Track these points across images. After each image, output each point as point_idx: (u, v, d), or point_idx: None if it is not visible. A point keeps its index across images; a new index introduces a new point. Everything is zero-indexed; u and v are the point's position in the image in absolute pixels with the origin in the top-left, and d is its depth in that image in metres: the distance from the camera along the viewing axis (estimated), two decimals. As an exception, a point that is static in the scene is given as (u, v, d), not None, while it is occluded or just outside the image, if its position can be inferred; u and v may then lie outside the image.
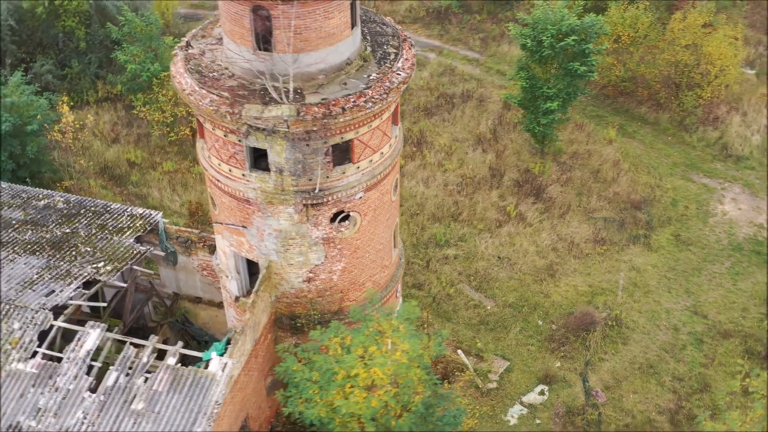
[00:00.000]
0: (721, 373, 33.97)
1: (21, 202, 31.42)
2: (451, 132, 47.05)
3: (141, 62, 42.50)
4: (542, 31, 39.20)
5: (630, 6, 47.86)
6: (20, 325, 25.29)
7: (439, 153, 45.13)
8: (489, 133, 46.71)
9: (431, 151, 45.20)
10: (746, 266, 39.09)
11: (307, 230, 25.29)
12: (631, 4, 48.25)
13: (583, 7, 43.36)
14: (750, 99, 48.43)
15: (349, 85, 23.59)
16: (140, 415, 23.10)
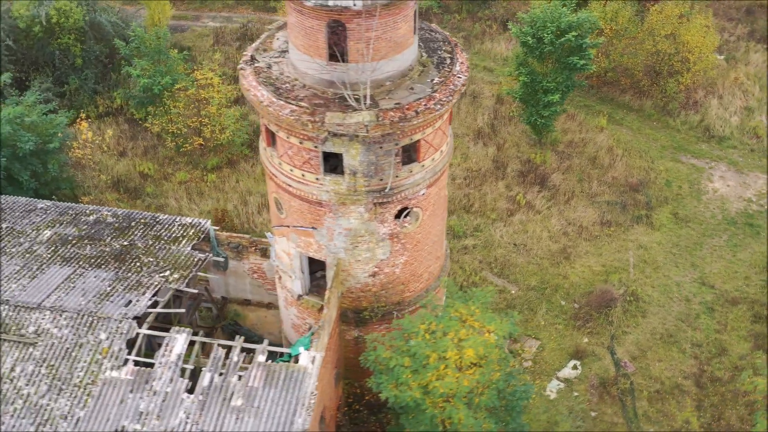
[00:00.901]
0: (735, 337, 36.74)
1: (70, 218, 32.20)
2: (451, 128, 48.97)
3: (151, 76, 43.32)
4: (542, 28, 41.43)
5: (609, 1, 50.54)
6: (107, 335, 26.31)
7: (442, 149, 47.08)
8: (487, 128, 48.86)
9: (435, 148, 47.14)
10: (742, 238, 42.10)
11: (375, 227, 26.91)
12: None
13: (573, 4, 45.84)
14: (723, 83, 51.68)
15: (416, 89, 25.29)
16: (241, 411, 24.42)
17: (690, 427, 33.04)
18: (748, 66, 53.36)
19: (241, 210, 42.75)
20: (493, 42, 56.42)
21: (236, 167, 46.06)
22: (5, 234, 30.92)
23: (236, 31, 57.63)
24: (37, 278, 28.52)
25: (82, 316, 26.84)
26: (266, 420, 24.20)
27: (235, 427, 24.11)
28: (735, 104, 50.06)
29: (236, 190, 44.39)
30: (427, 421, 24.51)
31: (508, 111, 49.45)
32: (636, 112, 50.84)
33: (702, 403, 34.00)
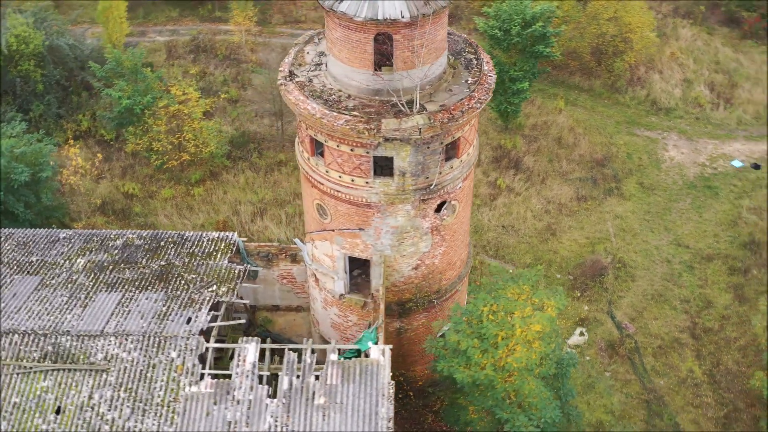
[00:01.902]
0: (716, 290, 40.32)
1: (98, 245, 32.46)
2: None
3: (131, 96, 43.43)
4: (509, 21, 43.87)
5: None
6: (177, 353, 27.09)
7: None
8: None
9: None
10: (704, 199, 45.90)
11: (419, 223, 28.65)
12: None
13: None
14: (661, 58, 55.58)
15: (454, 90, 27.12)
16: (325, 408, 25.76)
17: (694, 376, 36.29)
18: (679, 41, 57.50)
19: (234, 220, 43.52)
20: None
21: (219, 179, 46.66)
22: (40, 267, 31.00)
23: (188, 43, 57.75)
24: (89, 306, 28.87)
25: (149, 338, 27.50)
26: (351, 414, 25.63)
27: (323, 425, 25.44)
28: (675, 77, 54.03)
29: (225, 201, 45.06)
30: (497, 396, 26.53)
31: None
32: (587, 92, 54.17)
33: (700, 352, 37.34)
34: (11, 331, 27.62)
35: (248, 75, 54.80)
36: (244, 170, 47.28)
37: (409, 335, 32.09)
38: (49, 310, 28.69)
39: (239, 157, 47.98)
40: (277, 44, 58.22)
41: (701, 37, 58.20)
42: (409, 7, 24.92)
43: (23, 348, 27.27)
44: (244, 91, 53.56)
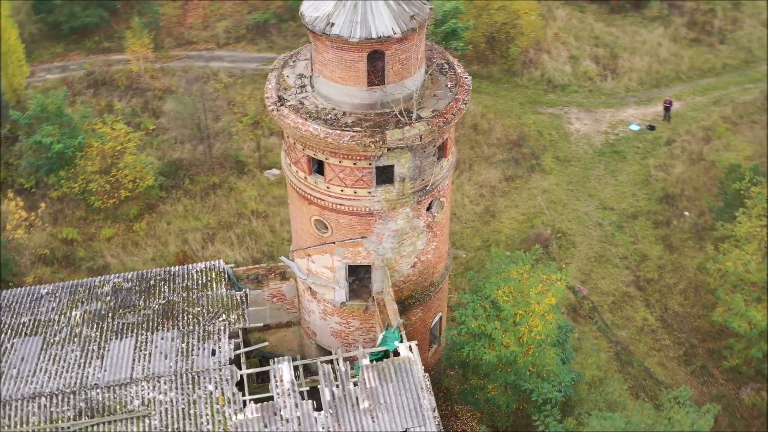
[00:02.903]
0: (647, 244, 44.48)
1: (86, 295, 31.91)
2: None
3: (60, 140, 42.32)
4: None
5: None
6: (215, 386, 27.51)
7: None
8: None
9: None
10: (615, 164, 50.17)
11: (416, 223, 30.36)
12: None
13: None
14: (547, 39, 59.67)
15: (438, 95, 28.93)
16: (372, 410, 27.05)
17: (649, 323, 40.14)
18: (557, 21, 61.80)
19: (185, 249, 43.41)
20: (337, 41, 60.16)
21: (157, 211, 46.23)
22: (36, 327, 30.25)
23: (84, 78, 56.16)
24: (106, 356, 28.63)
25: (181, 376, 27.74)
26: (397, 411, 27.04)
27: (374, 426, 26.71)
28: (562, 56, 58.24)
29: (170, 232, 44.78)
30: (520, 370, 28.81)
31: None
32: (487, 78, 57.37)
33: (648, 301, 41.27)
34: (37, 395, 27.07)
35: (157, 103, 54.15)
36: (179, 198, 47.07)
37: (408, 330, 33.71)
38: (67, 368, 28.23)
39: (171, 186, 47.67)
40: (176, 68, 57.74)
41: (575, 16, 62.89)
42: (399, 23, 26.49)
43: (54, 410, 26.81)
44: (156, 119, 52.95)
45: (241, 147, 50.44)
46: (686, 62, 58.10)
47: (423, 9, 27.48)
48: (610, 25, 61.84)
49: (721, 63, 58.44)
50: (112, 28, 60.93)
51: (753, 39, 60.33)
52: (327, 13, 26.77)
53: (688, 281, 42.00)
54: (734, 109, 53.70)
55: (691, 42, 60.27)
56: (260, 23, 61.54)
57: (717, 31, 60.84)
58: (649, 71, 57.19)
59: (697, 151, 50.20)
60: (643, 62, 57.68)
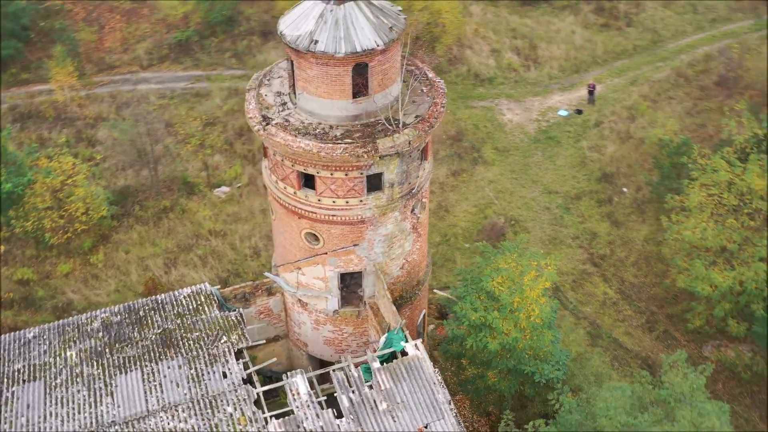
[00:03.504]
0: (594, 222, 46.93)
1: (76, 334, 31.33)
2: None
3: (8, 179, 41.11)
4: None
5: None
6: (233, 407, 27.77)
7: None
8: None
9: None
10: (551, 149, 52.53)
11: (404, 225, 31.37)
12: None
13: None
14: (468, 35, 61.59)
15: (417, 101, 29.99)
16: (391, 410, 27.91)
17: (609, 296, 42.49)
18: (473, 17, 63.81)
19: (152, 276, 42.95)
20: (263, 53, 60.32)
21: (111, 240, 45.48)
22: (32, 372, 29.63)
23: (8, 112, 54.28)
24: (116, 392, 28.40)
25: (198, 402, 27.85)
26: (415, 407, 27.99)
27: (395, 426, 27.60)
28: (484, 50, 60.30)
29: (129, 261, 44.19)
30: (521, 354, 30.27)
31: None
32: (416, 78, 58.71)
33: (605, 276, 43.65)
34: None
35: (90, 131, 53.01)
36: (132, 226, 46.44)
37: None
38: (78, 409, 27.89)
39: (121, 214, 46.95)
40: (103, 94, 56.59)
41: (489, 11, 65.09)
42: (380, 36, 27.41)
43: (76, 452, 26.51)
44: (93, 147, 51.88)
45: (186, 168, 50.09)
46: (600, 47, 61.22)
47: (399, 19, 28.49)
48: (524, 17, 64.38)
49: (631, 45, 61.84)
50: (27, 58, 59.08)
51: (656, 20, 64.06)
52: (309, 30, 27.41)
53: (638, 253, 44.62)
54: (651, 87, 57.05)
55: (602, 27, 63.49)
56: (182, 42, 60.95)
57: (623, 15, 64.29)
58: (568, 58, 59.97)
59: (624, 130, 53.15)
60: (561, 50, 60.41)
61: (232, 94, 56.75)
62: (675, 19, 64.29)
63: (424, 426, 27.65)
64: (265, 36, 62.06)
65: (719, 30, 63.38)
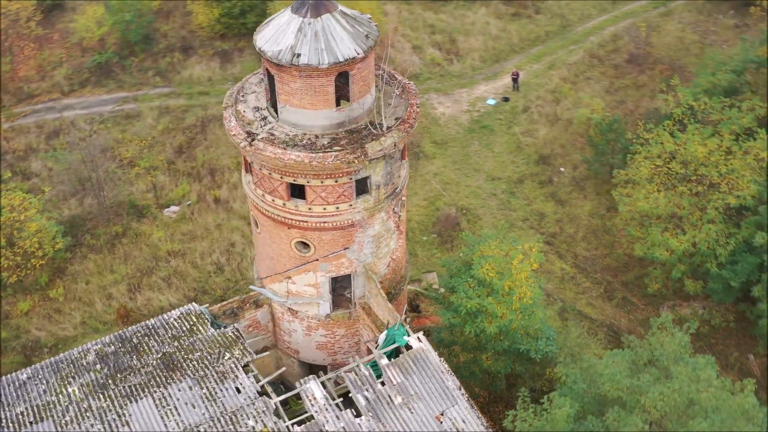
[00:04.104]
0: (540, 202, 49.16)
1: (72, 369, 30.88)
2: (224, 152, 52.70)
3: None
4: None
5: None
6: (255, 420, 28.19)
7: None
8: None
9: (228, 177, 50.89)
10: (487, 138, 54.54)
11: (389, 225, 32.42)
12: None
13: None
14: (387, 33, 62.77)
15: (393, 103, 31.05)
16: (407, 402, 28.96)
17: (566, 271, 44.75)
18: (389, 16, 65.08)
19: (123, 304, 42.38)
20: (188, 69, 59.85)
21: (67, 273, 44.51)
22: (38, 413, 29.12)
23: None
24: (132, 421, 28.36)
25: (218, 420, 28.12)
26: (429, 397, 29.17)
27: (413, 417, 28.69)
28: (406, 47, 61.78)
29: (90, 291, 43.42)
30: (515, 335, 31.89)
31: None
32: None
33: (559, 252, 45.90)
34: (81, 477, 26.43)
35: (22, 164, 51.46)
36: (86, 256, 45.56)
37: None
38: (96, 443, 27.69)
39: (73, 245, 45.96)
40: (29, 125, 54.95)
41: (404, 9, 66.61)
42: (359, 44, 28.34)
43: (105, 486, 26.34)
44: (29, 180, 50.41)
45: (131, 191, 49.42)
46: (515, 35, 63.74)
47: (372, 27, 29.49)
48: (439, 13, 66.20)
49: (543, 31, 64.64)
50: (-63, 95, 56.74)
51: (562, 5, 67.15)
52: (289, 45, 28.01)
53: (586, 228, 47.13)
54: (568, 69, 59.94)
55: (513, 16, 66.05)
56: (101, 64, 59.69)
57: (531, 3, 67.05)
58: (486, 48, 62.19)
59: (551, 113, 55.74)
60: (479, 41, 62.58)
61: (163, 112, 56.16)
62: (579, 3, 67.52)
63: (440, 413, 28.90)
64: (186, 51, 61.57)
65: (620, 10, 67.00)
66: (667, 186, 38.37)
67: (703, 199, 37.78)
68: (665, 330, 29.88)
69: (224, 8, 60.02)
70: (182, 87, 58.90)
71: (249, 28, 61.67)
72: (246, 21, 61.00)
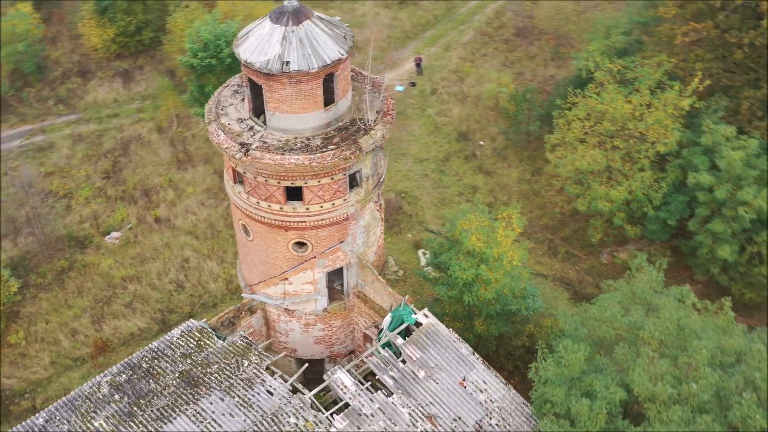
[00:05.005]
0: (469, 177, 51.97)
1: (92, 405, 30.63)
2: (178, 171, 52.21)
3: None
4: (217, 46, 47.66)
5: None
6: (295, 417, 29.25)
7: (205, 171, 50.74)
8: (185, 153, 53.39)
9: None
10: (404, 122, 56.74)
11: (376, 213, 34.07)
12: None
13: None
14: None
15: (367, 98, 32.57)
16: (430, 374, 30.87)
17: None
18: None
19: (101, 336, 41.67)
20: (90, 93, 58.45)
21: (21, 316, 43.14)
22: (72, 451, 28.94)
23: None
24: (175, 441, 28.70)
25: (261, 424, 28.96)
26: (449, 366, 31.17)
27: (440, 386, 30.63)
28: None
29: (52, 330, 42.38)
30: (506, 298, 34.43)
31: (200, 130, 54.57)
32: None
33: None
34: (144, 502, 26.68)
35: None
36: (36, 295, 44.34)
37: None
38: (146, 468, 27.90)
39: (20, 287, 44.48)
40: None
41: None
42: (341, 45, 29.75)
43: (170, 506, 26.72)
44: (-48, 227, 48.13)
45: (66, 224, 48.22)
46: (407, 22, 66.27)
47: (346, 29, 30.92)
48: (328, 9, 67.61)
49: (431, 15, 67.54)
50: None
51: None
52: (276, 54, 29.00)
53: (517, 194, 50.34)
54: (464, 49, 63.13)
55: (400, 4, 68.56)
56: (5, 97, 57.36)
57: (413, -10, 70.00)
58: (383, 38, 64.35)
59: (459, 92, 58.72)
60: (374, 32, 64.61)
61: (77, 140, 54.76)
62: (457, -15, 71.06)
63: (462, 379, 31.02)
64: (84, 75, 60.11)
65: (497, -12, 71.06)
66: (600, 143, 41.98)
67: (632, 151, 41.65)
68: (642, 270, 33.29)
69: (119, 27, 58.94)
70: (89, 112, 57.50)
71: (146, 44, 61.07)
72: (142, 38, 60.24)
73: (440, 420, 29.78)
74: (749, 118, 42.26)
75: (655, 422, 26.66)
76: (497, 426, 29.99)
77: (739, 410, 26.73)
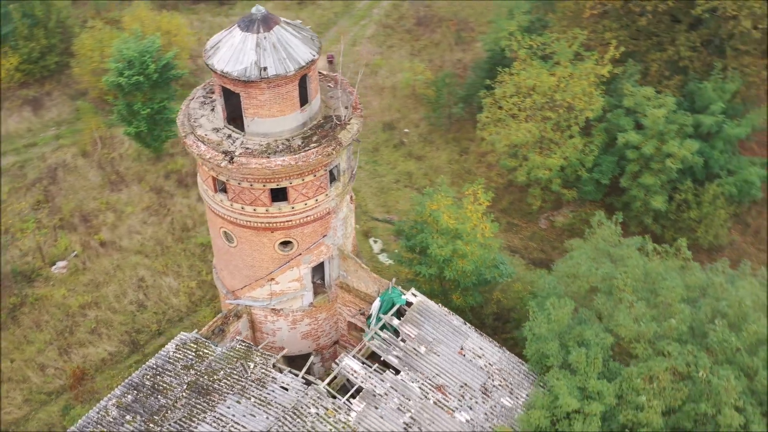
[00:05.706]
0: (401, 164, 53.94)
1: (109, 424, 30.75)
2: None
3: None
4: (143, 63, 47.49)
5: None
6: (316, 407, 30.35)
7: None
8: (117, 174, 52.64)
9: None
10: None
11: (351, 205, 35.46)
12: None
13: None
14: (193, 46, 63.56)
15: (334, 95, 33.86)
16: (431, 349, 32.64)
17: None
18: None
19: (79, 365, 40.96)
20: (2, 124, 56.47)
21: (-19, 359, 41.94)
22: (100, 476, 28.96)
23: None
24: (203, 449, 29.23)
25: (284, 418, 29.91)
26: (446, 339, 33.08)
27: (441, 359, 32.48)
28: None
29: (18, 368, 41.30)
30: (482, 268, 36.66)
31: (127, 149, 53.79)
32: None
33: (438, 201, 51.13)
34: None
35: None
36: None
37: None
38: (182, 478, 28.35)
39: (-28, 329, 43.15)
40: None
41: (193, 18, 67.39)
42: (311, 47, 30.92)
43: None
44: None
45: (8, 260, 46.84)
46: (309, 22, 67.11)
47: (310, 31, 32.07)
48: (229, 16, 67.96)
49: (331, 13, 68.98)
50: None
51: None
52: (253, 61, 29.85)
53: (450, 174, 52.60)
54: (370, 42, 64.98)
55: (300, 5, 69.63)
56: None
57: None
58: (290, 40, 65.23)
59: (375, 84, 60.56)
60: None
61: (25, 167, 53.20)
62: (349, -18, 72.81)
63: (460, 348, 33.00)
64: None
65: (387, -19, 73.22)
66: (530, 116, 44.88)
67: (561, 120, 44.78)
68: (602, 225, 36.28)
69: (21, 54, 57.22)
70: (4, 144, 55.60)
71: (51, 69, 59.53)
72: (47, 63, 58.69)
73: (449, 389, 31.66)
74: (659, 78, 46.24)
75: (652, 357, 29.54)
76: (500, 386, 32.16)
77: (715, 335, 30.00)
